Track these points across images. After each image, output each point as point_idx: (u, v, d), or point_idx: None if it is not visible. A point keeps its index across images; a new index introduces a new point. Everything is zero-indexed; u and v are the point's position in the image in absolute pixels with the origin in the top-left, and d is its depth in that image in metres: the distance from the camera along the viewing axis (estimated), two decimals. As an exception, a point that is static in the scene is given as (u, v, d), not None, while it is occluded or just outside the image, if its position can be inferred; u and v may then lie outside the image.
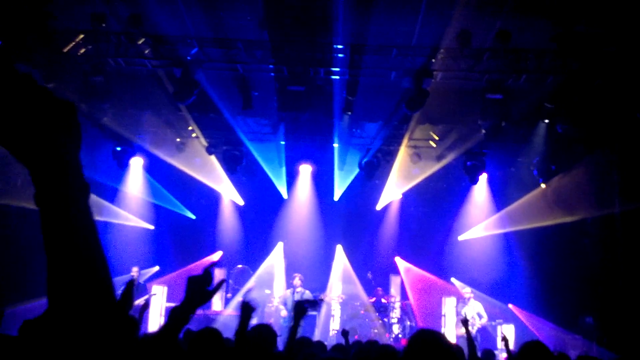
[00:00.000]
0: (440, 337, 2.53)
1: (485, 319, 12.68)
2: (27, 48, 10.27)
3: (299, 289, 12.94)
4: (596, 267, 12.63)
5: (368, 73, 11.05)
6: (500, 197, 14.94)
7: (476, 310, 12.76)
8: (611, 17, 9.13)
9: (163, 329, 2.34)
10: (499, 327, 14.12)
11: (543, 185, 13.68)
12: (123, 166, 13.70)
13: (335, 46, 10.52)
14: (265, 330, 4.06)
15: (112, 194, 14.58)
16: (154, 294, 13.76)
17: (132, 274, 12.78)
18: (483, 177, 14.28)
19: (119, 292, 4.79)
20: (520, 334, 14.03)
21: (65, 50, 10.57)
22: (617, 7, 9.03)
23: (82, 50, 10.71)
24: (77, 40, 10.60)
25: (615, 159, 11.94)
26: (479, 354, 8.58)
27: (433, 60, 10.62)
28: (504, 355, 8.27)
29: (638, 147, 11.04)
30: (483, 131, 11.67)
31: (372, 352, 4.56)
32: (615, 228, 11.88)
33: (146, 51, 10.62)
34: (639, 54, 9.47)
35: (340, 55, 10.65)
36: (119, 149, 13.23)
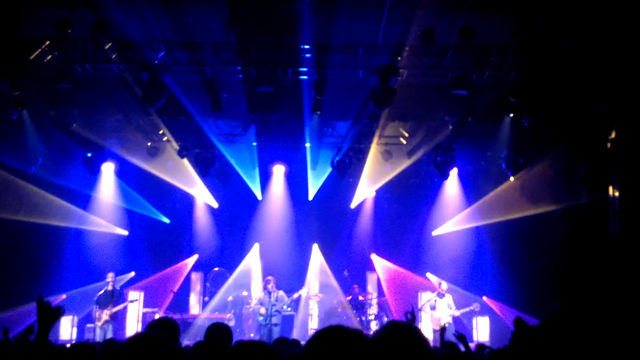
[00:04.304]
0: (412, 330, 2.48)
1: (453, 309, 13.02)
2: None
3: (273, 292, 12.95)
4: (565, 257, 12.86)
5: (335, 72, 11.12)
6: (471, 191, 15.15)
7: (447, 303, 13.14)
8: (568, 11, 9.35)
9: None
10: (474, 320, 14.41)
11: (512, 179, 13.92)
12: (94, 172, 13.62)
13: (302, 46, 10.58)
14: (221, 329, 4.07)
15: (84, 201, 14.48)
16: (134, 300, 13.71)
17: (107, 280, 12.72)
18: (454, 172, 14.50)
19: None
20: (495, 325, 14.28)
21: (32, 57, 10.50)
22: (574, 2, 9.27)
23: (49, 57, 10.63)
24: (43, 47, 10.52)
25: (580, 151, 12.19)
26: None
27: (399, 58, 10.75)
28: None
29: (601, 139, 11.28)
30: (450, 127, 11.85)
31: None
32: (583, 219, 12.12)
33: (113, 56, 10.58)
34: (597, 47, 9.70)
35: (307, 55, 10.71)
36: (89, 155, 13.16)
